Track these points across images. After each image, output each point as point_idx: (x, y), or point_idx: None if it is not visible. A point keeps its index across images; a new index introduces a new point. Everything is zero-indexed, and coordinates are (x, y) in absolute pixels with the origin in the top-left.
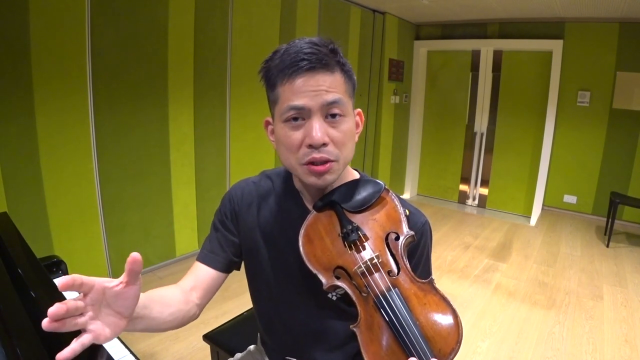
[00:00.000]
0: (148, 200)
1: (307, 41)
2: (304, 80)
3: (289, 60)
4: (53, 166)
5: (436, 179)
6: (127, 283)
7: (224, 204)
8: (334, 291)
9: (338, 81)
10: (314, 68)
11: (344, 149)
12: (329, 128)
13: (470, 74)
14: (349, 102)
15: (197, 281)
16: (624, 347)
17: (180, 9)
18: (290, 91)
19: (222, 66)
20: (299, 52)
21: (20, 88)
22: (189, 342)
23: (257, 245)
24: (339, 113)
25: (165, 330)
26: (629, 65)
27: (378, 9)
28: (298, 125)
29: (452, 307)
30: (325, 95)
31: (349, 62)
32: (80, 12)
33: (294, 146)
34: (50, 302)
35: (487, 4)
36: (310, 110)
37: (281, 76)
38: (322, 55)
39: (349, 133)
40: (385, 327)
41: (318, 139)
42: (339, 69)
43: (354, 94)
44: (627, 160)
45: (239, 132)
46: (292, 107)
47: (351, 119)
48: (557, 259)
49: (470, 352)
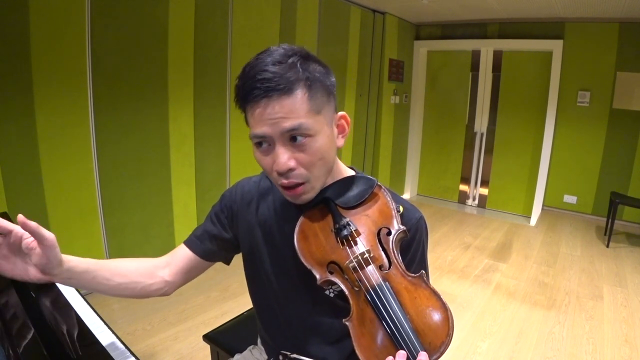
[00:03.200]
0: (148, 200)
1: (268, 60)
2: (260, 110)
3: (247, 87)
4: (53, 166)
5: (436, 179)
6: (33, 242)
7: (223, 199)
8: (330, 287)
9: (299, 102)
10: (269, 96)
11: (314, 169)
12: (295, 152)
13: (470, 74)
14: (316, 120)
15: (173, 259)
16: (624, 347)
17: (180, 9)
18: (252, 119)
19: (222, 66)
20: (254, 78)
21: (20, 88)
22: (189, 342)
23: (256, 242)
24: (302, 135)
25: (119, 296)
26: (629, 65)
27: (378, 9)
28: (266, 150)
29: (442, 301)
30: (283, 122)
31: (319, 65)
32: (80, 12)
33: (267, 169)
34: (50, 302)
35: (487, 4)
36: (272, 137)
37: (242, 103)
38: (278, 78)
39: (319, 152)
40: (376, 320)
41: (282, 167)
42: (299, 86)
43: (332, 97)
44: (627, 160)
45: (239, 132)
46: (255, 135)
47: (322, 135)
48: (557, 259)
49: (470, 352)
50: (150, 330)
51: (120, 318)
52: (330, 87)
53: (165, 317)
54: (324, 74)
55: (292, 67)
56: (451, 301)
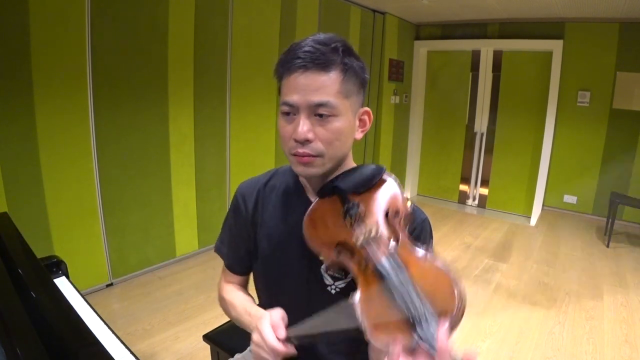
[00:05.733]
0: (148, 200)
1: (312, 39)
2: (296, 77)
3: (289, 57)
4: (53, 166)
5: (436, 179)
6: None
7: (234, 200)
8: (335, 273)
9: (331, 81)
10: (306, 67)
11: (331, 147)
12: (317, 126)
13: (470, 74)
14: (343, 103)
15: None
16: (624, 347)
17: (180, 9)
18: (287, 86)
19: (222, 66)
20: (298, 50)
21: (20, 88)
22: (189, 342)
23: (261, 239)
24: (327, 114)
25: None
26: (629, 65)
27: (378, 9)
28: (290, 119)
29: (450, 272)
30: (312, 95)
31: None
32: (80, 12)
33: (285, 137)
34: (50, 302)
35: (487, 4)
36: (299, 107)
37: (282, 71)
38: (319, 54)
39: (338, 132)
40: (384, 293)
41: (301, 135)
42: (337, 68)
43: (362, 90)
44: (627, 160)
45: (239, 132)
46: (284, 102)
47: (345, 118)
48: (557, 259)
49: None
50: (150, 330)
51: (120, 318)
52: (362, 81)
53: (165, 317)
54: (360, 67)
55: (334, 51)
56: None
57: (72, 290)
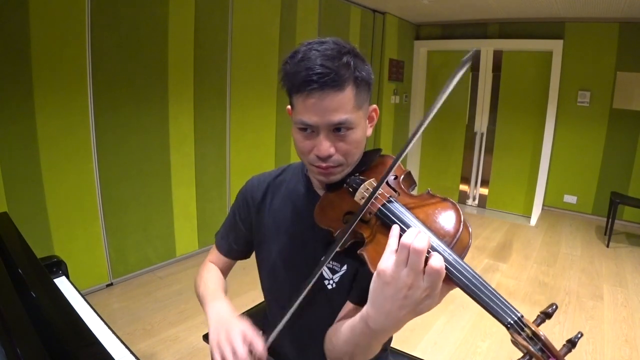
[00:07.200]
0: (148, 200)
1: (321, 54)
2: (313, 101)
3: (301, 77)
4: (53, 166)
5: (436, 179)
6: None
7: (240, 194)
8: (333, 264)
9: (347, 97)
10: (324, 89)
11: (350, 156)
12: (337, 141)
13: (470, 74)
14: (358, 114)
15: (222, 269)
16: (624, 347)
17: (180, 9)
18: (303, 107)
19: (222, 66)
20: (311, 70)
21: (21, 88)
22: (189, 342)
23: (266, 232)
24: (345, 128)
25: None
26: (629, 65)
27: (378, 9)
28: (308, 135)
29: (451, 201)
30: (331, 116)
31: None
32: (80, 13)
33: (305, 151)
34: (50, 302)
35: (487, 4)
36: (319, 127)
37: (294, 90)
38: (334, 75)
39: (356, 142)
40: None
41: (324, 152)
42: (350, 83)
43: (370, 92)
44: (627, 160)
45: (239, 132)
46: (302, 122)
47: (360, 127)
48: (557, 259)
49: (470, 352)
50: (150, 330)
51: (120, 318)
52: (371, 84)
53: (165, 317)
54: (369, 72)
55: (346, 66)
56: (451, 301)
57: (72, 290)
